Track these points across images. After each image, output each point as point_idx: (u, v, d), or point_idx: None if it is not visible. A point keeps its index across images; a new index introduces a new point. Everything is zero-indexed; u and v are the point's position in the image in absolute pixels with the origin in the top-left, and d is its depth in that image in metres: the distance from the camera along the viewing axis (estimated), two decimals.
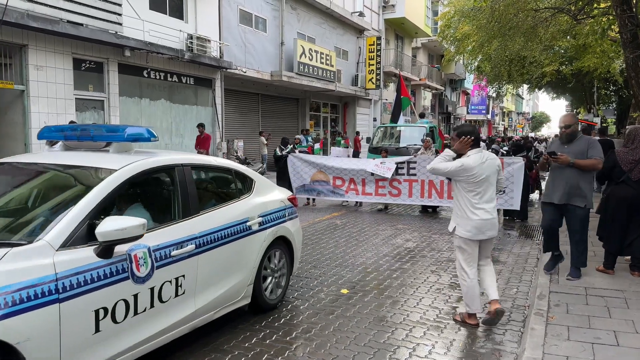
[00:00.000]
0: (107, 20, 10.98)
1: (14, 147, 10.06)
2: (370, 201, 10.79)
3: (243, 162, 13.48)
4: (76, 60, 10.95)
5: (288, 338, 4.02)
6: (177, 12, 13.71)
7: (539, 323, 4.05)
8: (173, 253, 3.32)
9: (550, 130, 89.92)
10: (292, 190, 11.03)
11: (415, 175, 10.01)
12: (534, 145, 17.70)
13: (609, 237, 5.42)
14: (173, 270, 3.33)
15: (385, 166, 10.19)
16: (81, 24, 10.40)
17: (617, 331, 3.87)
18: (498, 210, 9.67)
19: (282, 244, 4.75)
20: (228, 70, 15.24)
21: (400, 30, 30.07)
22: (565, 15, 12.55)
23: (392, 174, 10.03)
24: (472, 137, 4.19)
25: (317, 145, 16.78)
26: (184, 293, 3.44)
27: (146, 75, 12.92)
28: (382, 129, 16.60)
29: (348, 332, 4.14)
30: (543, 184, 10.07)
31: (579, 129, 5.26)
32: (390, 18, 27.57)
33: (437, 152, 10.97)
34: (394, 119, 16.53)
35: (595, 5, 12.76)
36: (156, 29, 12.55)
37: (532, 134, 52.22)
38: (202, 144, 12.91)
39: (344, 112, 25.53)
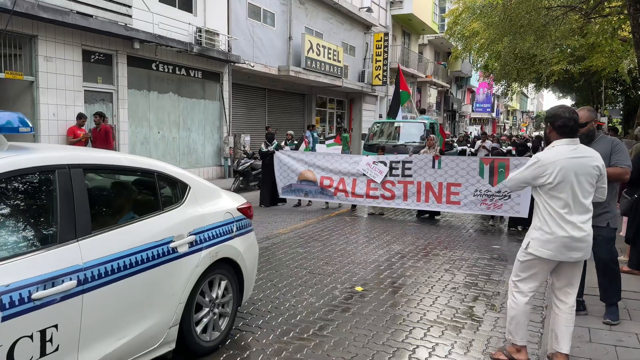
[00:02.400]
0: (117, 12, 10.91)
1: (23, 138, 10.02)
2: (360, 204, 9.94)
3: (250, 156, 13.41)
4: (85, 51, 10.90)
5: (305, 335, 3.99)
6: (187, 5, 13.64)
7: None
8: (36, 295, 2.33)
9: None
10: (278, 191, 10.27)
11: (410, 176, 9.07)
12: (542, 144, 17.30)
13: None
14: (36, 319, 2.35)
15: (377, 168, 9.35)
16: (91, 16, 10.34)
17: (639, 334, 3.82)
18: (501, 218, 9.08)
19: (227, 267, 3.75)
20: (236, 64, 15.17)
21: (407, 26, 29.95)
22: (577, 13, 12.49)
23: (383, 178, 9.26)
24: (553, 125, 3.25)
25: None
26: (57, 350, 2.45)
27: (155, 68, 12.87)
28: (378, 124, 15.35)
29: (365, 330, 4.11)
30: None
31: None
32: (397, 14, 27.46)
33: (441, 152, 10.24)
34: (392, 114, 15.58)
35: (607, 4, 12.69)
36: (165, 22, 12.49)
37: (536, 133, 52.06)
38: (101, 140, 9.98)
39: (350, 108, 25.46)
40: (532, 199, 3.44)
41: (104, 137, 9.99)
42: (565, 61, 19.29)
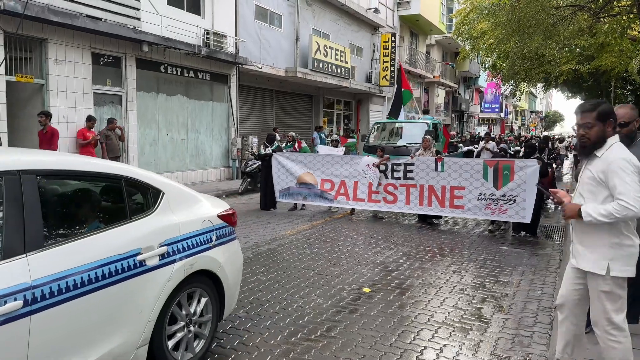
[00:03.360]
0: (126, 15, 11.02)
1: (33, 140, 10.13)
2: (362, 208, 9.67)
3: (258, 158, 13.43)
4: (95, 54, 11.00)
5: (313, 336, 4.00)
6: (195, 7, 13.73)
7: None
8: None
9: (564, 129, 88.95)
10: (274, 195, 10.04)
11: (413, 179, 8.86)
12: (556, 146, 16.94)
13: None
14: None
15: (377, 170, 9.21)
16: (100, 19, 10.44)
17: None
18: (506, 223, 8.77)
19: (205, 280, 3.47)
20: (243, 66, 15.25)
21: (414, 27, 29.90)
22: (586, 13, 12.41)
23: (381, 179, 9.12)
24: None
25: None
26: None
27: (163, 71, 12.96)
28: (379, 125, 14.98)
29: (373, 331, 4.12)
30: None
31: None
32: (405, 15, 27.44)
33: (439, 153, 9.83)
34: (394, 114, 15.14)
35: (616, 3, 12.60)
36: (174, 25, 12.58)
37: (545, 133, 51.67)
38: (46, 142, 9.03)
39: (358, 109, 25.46)
40: (537, 204, 3.28)
41: (49, 140, 9.07)
42: (574, 61, 19.15)
